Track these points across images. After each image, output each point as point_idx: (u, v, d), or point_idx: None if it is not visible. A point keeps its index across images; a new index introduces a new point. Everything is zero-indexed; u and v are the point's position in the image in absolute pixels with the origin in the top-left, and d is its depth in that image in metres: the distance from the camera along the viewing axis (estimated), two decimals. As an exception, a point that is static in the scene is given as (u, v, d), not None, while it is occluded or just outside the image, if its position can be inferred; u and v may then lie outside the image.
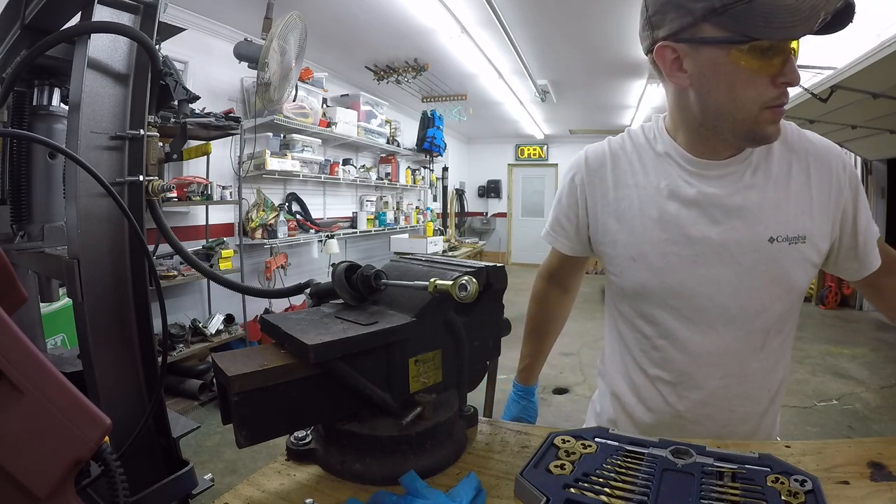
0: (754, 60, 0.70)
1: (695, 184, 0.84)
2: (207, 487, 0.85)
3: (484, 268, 0.78)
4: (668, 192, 0.86)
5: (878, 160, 6.23)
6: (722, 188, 0.83)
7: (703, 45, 0.72)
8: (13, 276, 0.45)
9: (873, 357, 4.55)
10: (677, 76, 0.78)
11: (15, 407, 0.35)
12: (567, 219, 0.99)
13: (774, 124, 0.75)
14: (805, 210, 0.82)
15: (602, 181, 0.92)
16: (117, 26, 0.78)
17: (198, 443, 2.80)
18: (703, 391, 0.89)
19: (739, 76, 0.72)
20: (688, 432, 0.90)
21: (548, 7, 3.71)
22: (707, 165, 0.84)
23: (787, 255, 0.82)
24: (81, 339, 0.75)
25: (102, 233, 0.77)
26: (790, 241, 0.81)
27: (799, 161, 0.84)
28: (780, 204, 0.82)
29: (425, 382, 0.74)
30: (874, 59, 3.05)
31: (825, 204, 0.83)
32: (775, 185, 0.83)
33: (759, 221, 0.82)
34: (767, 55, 0.69)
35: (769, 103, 0.73)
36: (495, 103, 6.86)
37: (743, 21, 0.67)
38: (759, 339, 0.87)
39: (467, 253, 6.97)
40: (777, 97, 0.73)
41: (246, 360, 0.65)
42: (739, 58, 0.70)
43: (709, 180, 0.84)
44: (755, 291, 0.84)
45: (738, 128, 0.77)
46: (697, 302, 0.86)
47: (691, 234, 0.84)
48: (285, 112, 4.16)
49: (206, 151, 3.38)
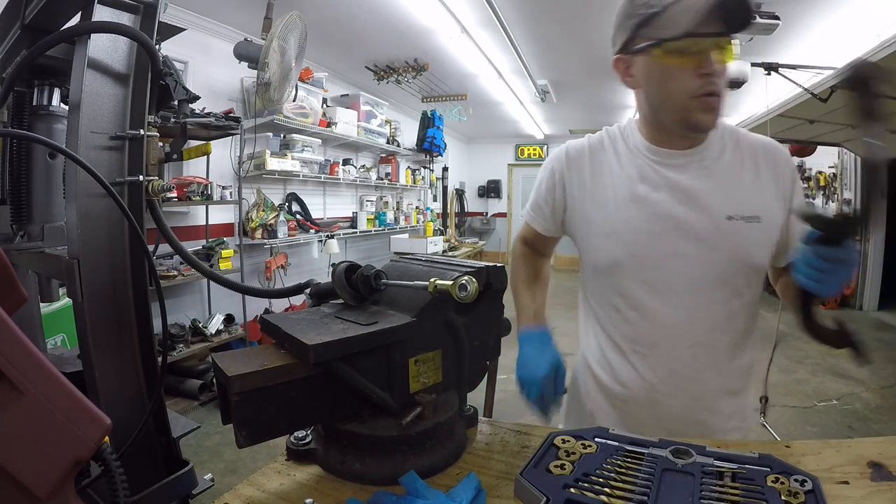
0: (675, 58, 0.84)
1: (660, 171, 0.96)
2: (207, 487, 0.85)
3: (484, 268, 0.78)
4: (639, 178, 0.97)
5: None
6: (683, 174, 0.95)
7: (638, 53, 0.88)
8: (13, 276, 0.45)
9: (873, 357, 4.55)
10: (628, 81, 0.95)
11: (15, 407, 0.35)
12: (545, 203, 1.09)
13: (706, 112, 0.86)
14: (757, 195, 0.93)
15: (580, 171, 1.03)
16: (117, 26, 0.78)
17: (198, 443, 2.80)
18: (674, 361, 0.96)
19: (665, 73, 0.86)
20: (662, 406, 0.97)
21: (548, 7, 3.71)
22: (669, 155, 0.96)
23: (744, 231, 0.92)
24: (81, 339, 0.75)
25: (102, 233, 0.77)
26: (746, 219, 0.92)
27: (749, 157, 0.96)
28: (734, 189, 0.94)
29: (425, 382, 0.74)
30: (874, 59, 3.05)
31: (773, 191, 0.95)
32: (729, 174, 0.95)
33: (718, 202, 0.93)
34: (687, 53, 0.82)
35: (695, 93, 0.85)
36: (495, 103, 6.86)
37: (658, 28, 0.83)
38: (723, 309, 0.96)
39: (467, 253, 6.97)
40: (701, 86, 0.84)
41: (246, 360, 0.65)
42: (662, 58, 0.84)
43: (671, 168, 0.96)
44: (717, 264, 0.93)
45: (676, 117, 0.90)
46: (664, 273, 0.95)
47: (659, 212, 0.94)
48: (285, 112, 4.16)
49: (206, 151, 3.38)
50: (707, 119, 0.87)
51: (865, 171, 0.68)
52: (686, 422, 0.96)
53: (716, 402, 0.98)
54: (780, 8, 3.36)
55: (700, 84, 0.84)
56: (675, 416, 0.97)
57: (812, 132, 5.30)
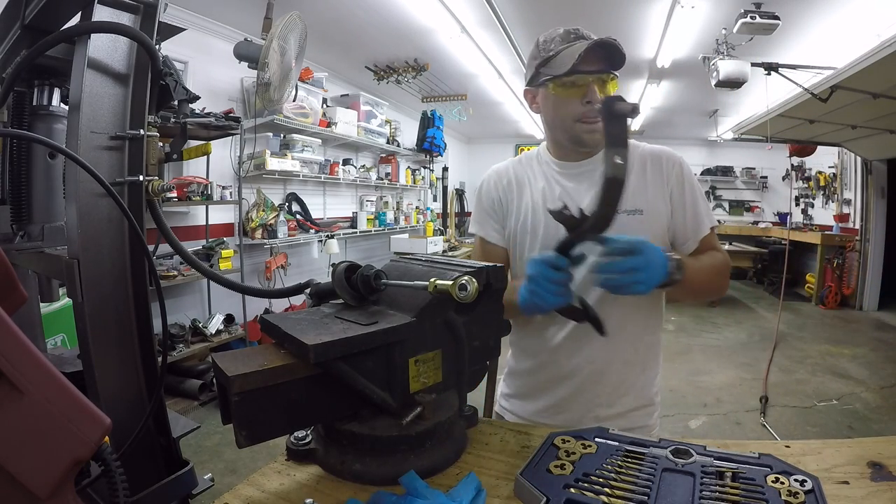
0: (564, 90, 1.06)
1: (561, 180, 1.17)
2: (207, 487, 0.85)
3: (484, 268, 0.78)
4: (548, 187, 1.18)
5: (878, 160, 6.22)
6: (579, 182, 1.15)
7: (539, 86, 1.11)
8: (13, 276, 0.45)
9: (873, 357, 4.55)
10: (534, 107, 1.19)
11: (15, 407, 0.35)
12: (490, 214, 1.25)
13: (589, 133, 1.07)
14: (640, 193, 1.10)
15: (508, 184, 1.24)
16: (117, 26, 0.78)
17: (198, 443, 2.80)
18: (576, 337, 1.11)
19: (558, 102, 1.09)
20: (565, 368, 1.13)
21: (548, 7, 3.71)
22: (570, 166, 1.17)
23: (626, 223, 1.05)
24: (81, 339, 0.75)
25: (102, 233, 0.77)
26: (628, 213, 1.07)
27: (637, 162, 1.13)
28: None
29: (425, 382, 0.74)
30: (874, 59, 3.05)
31: (658, 188, 1.12)
32: None
33: None
34: (574, 86, 1.05)
35: (579, 117, 1.07)
36: (495, 103, 6.86)
37: (553, 67, 1.06)
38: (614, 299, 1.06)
39: (467, 253, 6.97)
40: (584, 113, 1.06)
41: (246, 360, 0.65)
42: (554, 90, 1.07)
43: (570, 177, 1.17)
44: None
45: (567, 136, 1.12)
46: None
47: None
48: (285, 112, 4.16)
49: (206, 151, 3.36)
50: (591, 137, 1.08)
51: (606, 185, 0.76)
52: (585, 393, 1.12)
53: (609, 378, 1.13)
54: (780, 8, 3.36)
55: (584, 110, 1.05)
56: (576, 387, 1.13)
57: (812, 132, 5.30)
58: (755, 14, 3.35)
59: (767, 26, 3.38)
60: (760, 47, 3.92)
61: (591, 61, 1.02)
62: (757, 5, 3.38)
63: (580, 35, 1.08)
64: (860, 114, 4.32)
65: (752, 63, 3.92)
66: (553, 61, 1.06)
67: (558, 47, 1.06)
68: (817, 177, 7.47)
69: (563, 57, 1.04)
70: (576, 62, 0.99)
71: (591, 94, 1.04)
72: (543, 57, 1.08)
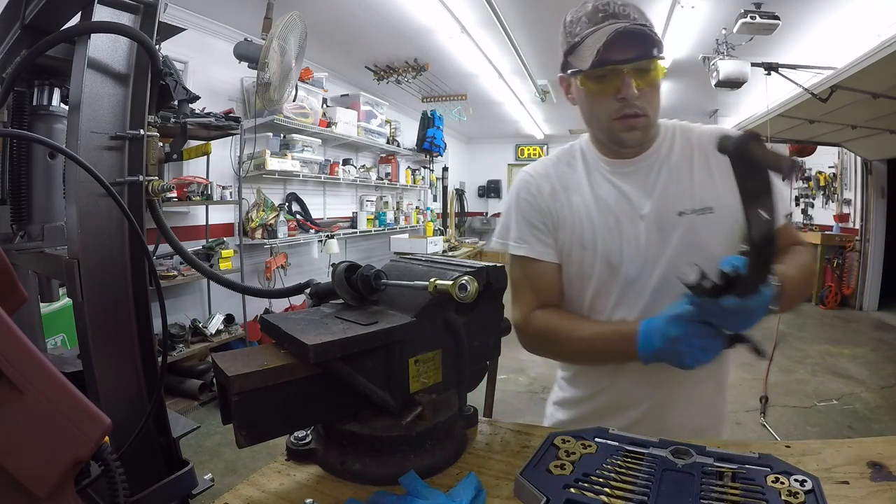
0: (595, 84, 0.91)
1: (615, 181, 1.01)
2: (207, 487, 0.85)
3: (484, 268, 0.78)
4: (598, 189, 1.02)
5: (878, 160, 6.22)
6: (635, 181, 1.00)
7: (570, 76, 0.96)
8: (13, 276, 0.45)
9: (873, 357, 4.55)
10: (570, 98, 1.02)
11: (15, 407, 0.35)
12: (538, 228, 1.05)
13: (627, 132, 0.93)
14: (708, 186, 0.97)
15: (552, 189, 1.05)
16: (117, 26, 0.78)
17: (198, 443, 2.80)
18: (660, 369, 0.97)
19: (588, 97, 0.94)
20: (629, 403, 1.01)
21: (548, 7, 3.71)
22: (621, 164, 1.01)
23: (697, 224, 0.96)
24: (81, 339, 0.75)
25: (102, 233, 0.77)
26: (697, 212, 0.96)
27: (699, 148, 1.00)
28: (683, 184, 0.98)
29: (425, 382, 0.74)
30: (874, 59, 3.05)
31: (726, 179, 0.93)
32: (678, 171, 0.99)
33: (668, 201, 0.97)
34: (606, 80, 0.89)
35: (614, 115, 0.92)
36: (495, 103, 6.86)
37: (578, 57, 0.90)
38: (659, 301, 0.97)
39: (467, 253, 6.97)
40: (619, 109, 0.91)
41: (246, 360, 0.65)
42: (584, 83, 0.92)
43: (625, 176, 1.01)
44: (675, 261, 0.96)
45: (602, 134, 0.98)
46: (631, 274, 0.98)
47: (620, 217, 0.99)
48: (285, 112, 4.16)
49: (206, 151, 3.38)
50: (630, 136, 0.94)
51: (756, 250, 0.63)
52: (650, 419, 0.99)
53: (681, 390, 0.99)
54: (780, 8, 3.36)
55: (619, 107, 0.90)
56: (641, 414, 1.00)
57: (812, 132, 5.30)
58: (755, 14, 3.35)
59: (767, 26, 3.38)
60: (760, 47, 3.92)
61: (622, 47, 0.84)
62: (757, 5, 3.38)
63: (610, 13, 0.89)
64: (860, 114, 4.31)
65: (752, 63, 3.92)
66: (579, 49, 0.90)
67: (584, 31, 0.89)
68: (817, 177, 7.47)
69: (588, 45, 0.87)
70: (601, 51, 0.83)
71: (625, 89, 0.88)
72: (569, 43, 0.92)
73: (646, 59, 0.88)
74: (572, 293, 1.06)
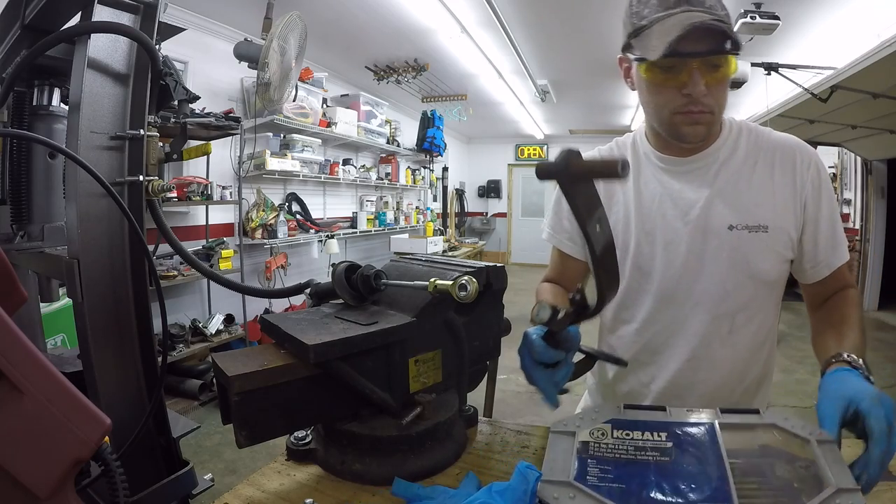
0: (660, 75, 0.83)
1: (665, 179, 0.94)
2: (207, 487, 0.86)
3: (484, 268, 0.78)
4: (644, 188, 0.96)
5: (878, 160, 6.22)
6: (687, 183, 0.93)
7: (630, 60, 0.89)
8: (13, 276, 0.45)
9: (873, 357, 4.55)
10: (629, 83, 0.94)
11: (15, 407, 0.35)
12: (569, 220, 1.04)
13: (690, 126, 0.86)
14: (767, 202, 0.89)
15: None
16: (117, 26, 0.78)
17: (198, 443, 2.80)
18: (672, 370, 0.95)
19: (650, 87, 0.86)
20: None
21: (548, 7, 3.71)
22: (675, 162, 0.94)
23: (747, 242, 0.88)
24: (81, 339, 0.75)
25: (102, 233, 0.77)
26: (750, 229, 0.88)
27: (765, 157, 0.91)
28: (741, 195, 0.90)
29: (425, 382, 0.74)
30: (874, 59, 3.05)
31: (788, 197, 0.89)
32: (737, 178, 0.91)
33: (720, 211, 0.90)
34: (673, 71, 0.82)
35: (678, 109, 0.85)
36: (495, 103, 6.86)
37: (643, 42, 0.82)
38: (726, 324, 0.92)
39: (467, 253, 6.97)
40: (684, 104, 0.84)
41: (246, 360, 0.65)
42: (648, 73, 0.84)
43: (678, 175, 0.94)
44: (717, 276, 0.91)
45: (662, 127, 0.90)
46: (666, 284, 0.94)
47: (660, 223, 0.94)
48: (285, 112, 4.16)
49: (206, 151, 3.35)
50: (694, 132, 0.86)
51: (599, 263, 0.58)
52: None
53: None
54: (780, 8, 3.36)
55: (684, 102, 0.83)
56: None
57: (812, 132, 5.30)
58: (755, 14, 3.35)
59: (767, 26, 3.38)
60: (760, 47, 3.92)
61: (695, 39, 0.77)
62: (757, 5, 3.38)
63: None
64: (860, 114, 4.31)
65: (752, 63, 3.92)
66: (645, 35, 0.81)
67: (653, 14, 0.80)
68: (817, 177, 7.47)
69: (657, 32, 0.79)
70: (672, 43, 0.75)
71: (692, 86, 0.80)
72: (635, 25, 0.83)
73: (718, 55, 0.80)
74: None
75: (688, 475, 0.55)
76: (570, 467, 0.57)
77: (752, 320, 0.93)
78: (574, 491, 0.54)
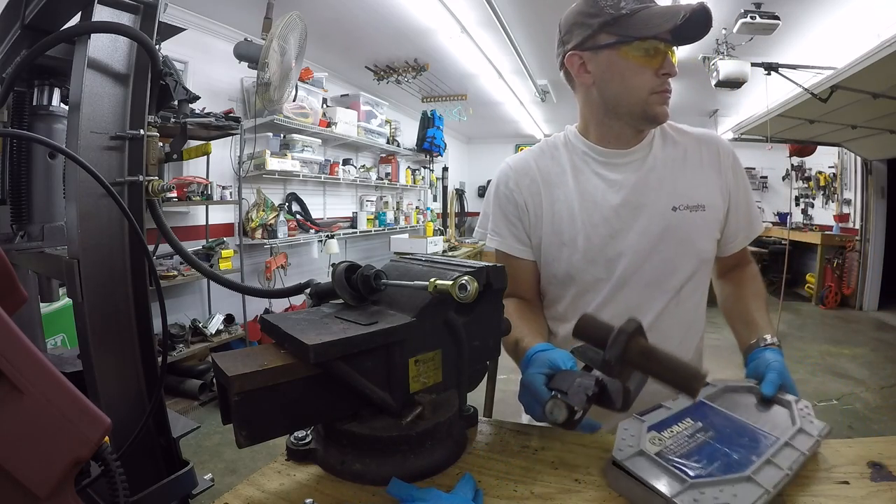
0: (640, 57, 0.91)
1: (605, 173, 1.00)
2: (207, 487, 0.86)
3: (484, 268, 0.78)
4: (585, 183, 1.01)
5: (878, 160, 6.22)
6: (629, 172, 1.00)
7: (601, 49, 0.93)
8: (13, 276, 0.45)
9: (873, 357, 4.55)
10: (584, 76, 0.98)
11: (15, 407, 0.35)
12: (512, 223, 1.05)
13: (662, 105, 0.94)
14: (701, 184, 1.00)
15: (532, 183, 1.04)
16: (117, 26, 0.78)
17: (198, 443, 2.80)
18: None
19: (629, 69, 0.92)
20: None
21: (548, 7, 3.71)
22: (615, 154, 1.01)
23: (690, 221, 0.98)
24: (81, 339, 0.75)
25: (102, 233, 0.77)
26: (691, 209, 0.98)
27: (692, 148, 1.02)
28: (678, 180, 0.99)
29: (425, 382, 0.74)
30: (874, 59, 3.05)
31: (715, 180, 1.01)
32: (673, 165, 1.01)
33: (663, 195, 0.98)
34: (650, 53, 0.90)
35: (655, 89, 0.93)
36: (495, 103, 6.86)
37: (628, 27, 0.90)
38: (674, 299, 1.00)
39: (467, 253, 6.96)
40: (660, 84, 0.93)
41: (246, 360, 0.65)
42: (628, 54, 0.91)
43: (618, 167, 1.00)
44: (666, 254, 0.98)
45: (634, 110, 0.95)
46: (621, 271, 0.98)
47: (608, 216, 0.98)
48: (285, 112, 4.16)
49: (206, 151, 3.35)
50: (664, 111, 0.95)
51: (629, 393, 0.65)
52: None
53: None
54: (780, 8, 3.36)
55: (660, 82, 0.92)
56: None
57: (812, 132, 5.30)
58: (755, 14, 3.35)
59: (767, 26, 3.38)
60: (760, 47, 3.92)
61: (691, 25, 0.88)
62: (757, 5, 3.38)
63: None
64: (860, 114, 4.31)
65: (752, 63, 3.92)
66: (628, 21, 0.89)
67: (632, 6, 0.90)
68: (817, 177, 7.47)
69: (647, 17, 0.89)
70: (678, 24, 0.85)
71: (669, 66, 0.91)
72: (612, 15, 0.90)
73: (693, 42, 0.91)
74: (554, 292, 1.06)
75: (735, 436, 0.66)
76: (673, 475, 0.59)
77: (693, 293, 1.02)
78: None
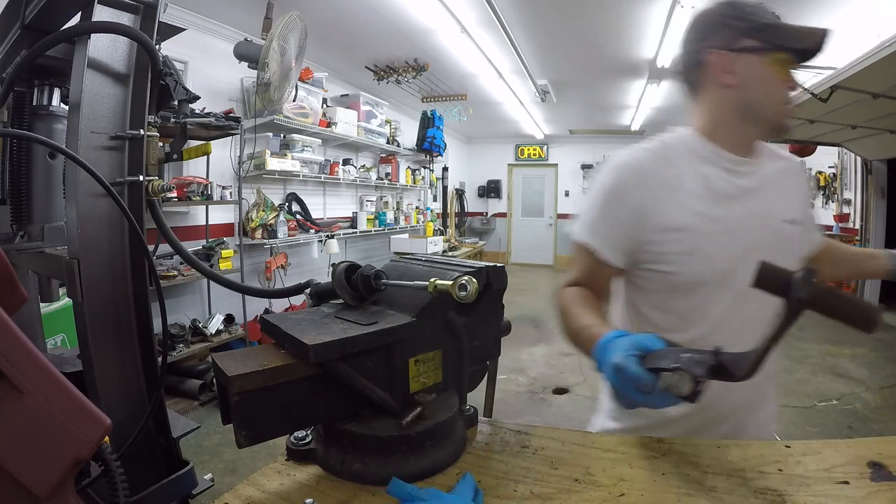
0: (779, 67, 0.93)
1: (733, 180, 0.98)
2: (207, 487, 0.86)
3: (484, 268, 0.78)
4: (712, 190, 0.97)
5: (878, 160, 6.22)
6: (753, 181, 0.99)
7: (744, 52, 0.94)
8: (13, 276, 0.45)
9: (873, 357, 4.55)
10: (726, 77, 0.96)
11: (15, 407, 0.35)
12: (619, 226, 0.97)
13: (789, 119, 0.97)
14: (797, 200, 1.04)
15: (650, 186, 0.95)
16: (117, 26, 0.78)
17: (198, 443, 2.80)
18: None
19: (773, 78, 0.94)
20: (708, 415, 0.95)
21: (548, 7, 3.71)
22: (742, 162, 1.00)
23: (795, 234, 1.01)
24: (81, 339, 0.75)
25: (102, 233, 0.77)
26: (797, 223, 1.01)
27: (783, 165, 1.07)
28: (784, 194, 1.03)
29: (425, 382, 0.74)
30: (874, 59, 3.05)
31: (802, 197, 1.08)
32: (777, 180, 1.04)
33: (777, 207, 1.00)
34: (787, 65, 0.93)
35: (788, 101, 0.96)
36: (495, 103, 6.86)
37: (775, 36, 0.93)
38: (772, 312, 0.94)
39: (467, 253, 6.97)
40: (790, 98, 0.96)
41: (246, 360, 0.65)
42: (773, 63, 0.93)
43: (744, 175, 0.99)
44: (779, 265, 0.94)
45: (773, 119, 0.97)
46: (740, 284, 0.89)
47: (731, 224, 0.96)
48: (285, 112, 4.16)
49: (206, 151, 3.37)
50: (790, 124, 0.99)
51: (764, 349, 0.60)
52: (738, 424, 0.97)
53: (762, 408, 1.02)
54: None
55: (791, 96, 0.96)
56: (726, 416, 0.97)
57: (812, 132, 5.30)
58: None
59: (767, 26, 3.38)
60: (760, 47, 3.92)
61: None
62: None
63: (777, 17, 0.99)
64: (860, 114, 4.31)
65: (752, 63, 3.91)
66: (775, 30, 0.94)
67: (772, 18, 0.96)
68: (817, 177, 7.47)
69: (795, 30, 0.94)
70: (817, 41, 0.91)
71: (795, 84, 0.96)
72: (760, 21, 0.94)
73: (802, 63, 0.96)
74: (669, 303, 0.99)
75: None
76: None
77: None
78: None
